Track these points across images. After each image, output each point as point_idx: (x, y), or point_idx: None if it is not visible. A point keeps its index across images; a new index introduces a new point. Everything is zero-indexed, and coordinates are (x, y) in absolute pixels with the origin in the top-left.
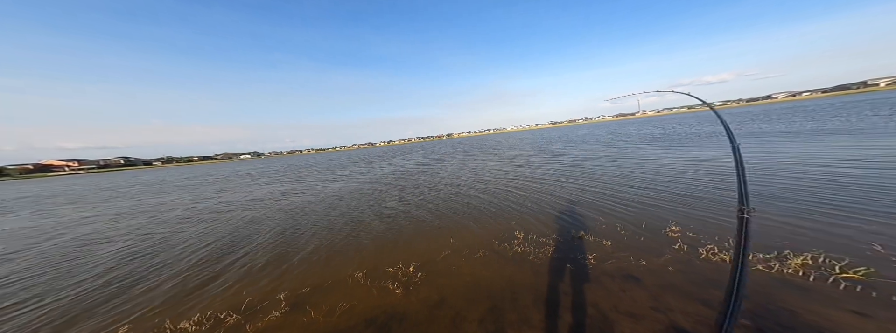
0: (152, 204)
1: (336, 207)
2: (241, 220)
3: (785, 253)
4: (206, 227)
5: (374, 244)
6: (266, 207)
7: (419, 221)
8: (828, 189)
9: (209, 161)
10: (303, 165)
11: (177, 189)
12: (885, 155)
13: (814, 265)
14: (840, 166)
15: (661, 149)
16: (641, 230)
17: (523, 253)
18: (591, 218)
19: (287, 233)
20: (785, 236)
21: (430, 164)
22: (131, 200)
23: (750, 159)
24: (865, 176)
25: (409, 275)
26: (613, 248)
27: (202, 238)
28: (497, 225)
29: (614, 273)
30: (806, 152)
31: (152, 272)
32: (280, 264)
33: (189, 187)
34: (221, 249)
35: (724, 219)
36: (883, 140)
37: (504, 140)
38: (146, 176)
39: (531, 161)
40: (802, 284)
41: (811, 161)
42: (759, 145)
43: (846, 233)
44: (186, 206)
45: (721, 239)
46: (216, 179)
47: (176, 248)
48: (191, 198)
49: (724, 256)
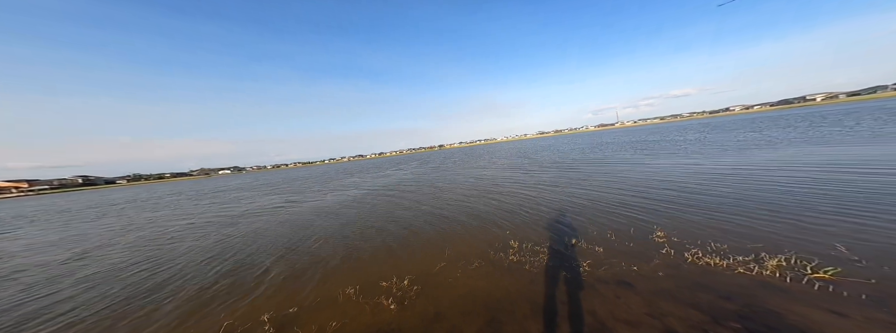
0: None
1: (324, 220)
2: (204, 243)
3: (761, 255)
4: (149, 253)
5: (366, 257)
6: (221, 229)
7: (413, 232)
8: (788, 193)
9: (183, 177)
10: (277, 181)
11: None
12: (827, 161)
13: (788, 266)
14: (796, 171)
15: (640, 156)
16: (630, 236)
17: (519, 262)
18: (582, 225)
19: (268, 250)
20: (759, 238)
21: (422, 175)
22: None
23: (715, 167)
24: (817, 181)
25: (403, 289)
26: (605, 255)
27: (154, 261)
28: (492, 234)
29: (608, 279)
30: (767, 159)
31: (97, 302)
32: (261, 283)
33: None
34: (184, 271)
35: (704, 224)
36: (826, 148)
37: (495, 150)
38: (94, 197)
39: (522, 170)
40: (781, 285)
41: (772, 167)
42: (725, 153)
43: (811, 235)
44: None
45: (703, 243)
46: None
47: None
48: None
49: (708, 260)
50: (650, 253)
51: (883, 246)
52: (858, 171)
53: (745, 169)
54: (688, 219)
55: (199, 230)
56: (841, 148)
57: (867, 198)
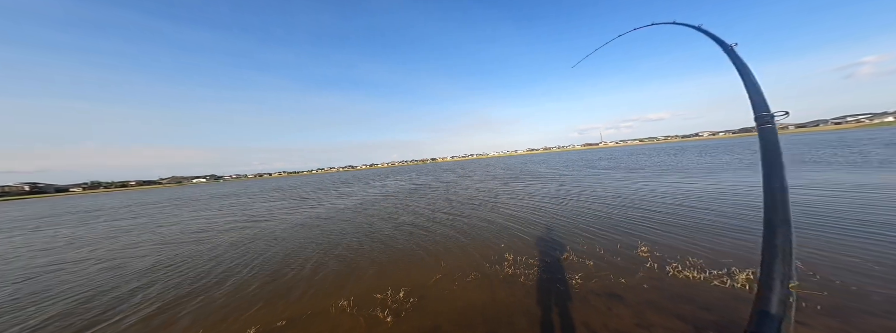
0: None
1: (316, 231)
2: (164, 256)
3: (732, 269)
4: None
5: (359, 269)
6: (211, 238)
7: (408, 244)
8: (749, 208)
9: (152, 186)
10: (255, 190)
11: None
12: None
13: (754, 279)
14: (752, 192)
15: (624, 177)
16: (617, 250)
17: (514, 274)
18: (573, 239)
19: (254, 262)
20: (728, 253)
21: (416, 189)
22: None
23: (693, 187)
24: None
25: (399, 301)
26: (596, 268)
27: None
28: (487, 246)
29: (600, 291)
30: (731, 181)
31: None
32: (246, 296)
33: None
34: (163, 284)
35: (682, 239)
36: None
37: (488, 164)
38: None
39: (517, 183)
40: (750, 297)
41: (737, 188)
42: (700, 176)
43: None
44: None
45: (682, 258)
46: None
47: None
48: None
49: (687, 274)
50: (636, 267)
51: (830, 261)
52: (803, 193)
53: (712, 189)
54: (667, 235)
55: (169, 242)
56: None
57: (809, 216)
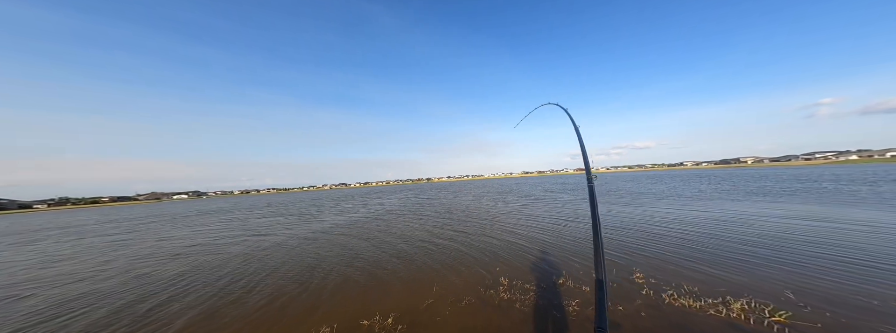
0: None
1: (298, 252)
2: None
3: (727, 298)
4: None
5: (345, 292)
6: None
7: (398, 267)
8: (741, 244)
9: (127, 202)
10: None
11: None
12: (777, 214)
13: (750, 309)
14: (738, 221)
15: (618, 200)
16: (613, 276)
17: (510, 300)
18: (569, 263)
19: (229, 284)
20: (722, 282)
21: (414, 207)
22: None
23: (682, 214)
24: (772, 234)
25: (387, 328)
26: (592, 294)
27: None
28: (482, 270)
29: None
30: (723, 209)
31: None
32: (217, 322)
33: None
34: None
35: (676, 266)
36: (754, 205)
37: (484, 185)
38: None
39: (512, 205)
40: (747, 327)
41: (727, 217)
42: (687, 202)
43: (758, 282)
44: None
45: (677, 285)
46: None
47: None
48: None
49: (683, 301)
50: (632, 294)
51: (821, 293)
52: (788, 224)
53: (704, 217)
54: (662, 260)
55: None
56: (779, 204)
57: (794, 247)
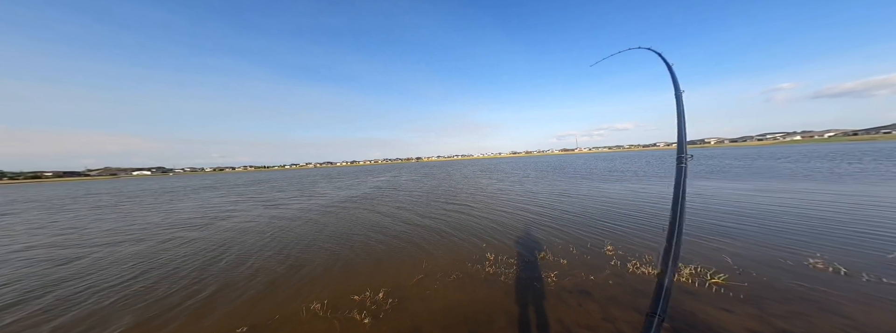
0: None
1: (289, 230)
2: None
3: (679, 265)
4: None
5: (335, 270)
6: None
7: (389, 244)
8: (696, 217)
9: (76, 178)
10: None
11: None
12: (711, 191)
13: (696, 274)
14: (701, 200)
15: (600, 182)
16: (588, 249)
17: (495, 274)
18: (550, 239)
19: (213, 261)
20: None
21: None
22: None
23: (651, 192)
24: (707, 207)
25: (378, 303)
26: (569, 266)
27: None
28: (470, 247)
29: (572, 288)
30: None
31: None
32: (202, 300)
33: None
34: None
35: (641, 238)
36: (704, 181)
37: (475, 165)
38: None
39: (504, 184)
40: (693, 289)
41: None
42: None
43: (706, 250)
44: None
45: (640, 256)
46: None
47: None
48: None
49: (645, 270)
50: (603, 265)
51: (750, 257)
52: (724, 199)
53: (659, 194)
54: (629, 234)
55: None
56: (725, 182)
57: (732, 218)
